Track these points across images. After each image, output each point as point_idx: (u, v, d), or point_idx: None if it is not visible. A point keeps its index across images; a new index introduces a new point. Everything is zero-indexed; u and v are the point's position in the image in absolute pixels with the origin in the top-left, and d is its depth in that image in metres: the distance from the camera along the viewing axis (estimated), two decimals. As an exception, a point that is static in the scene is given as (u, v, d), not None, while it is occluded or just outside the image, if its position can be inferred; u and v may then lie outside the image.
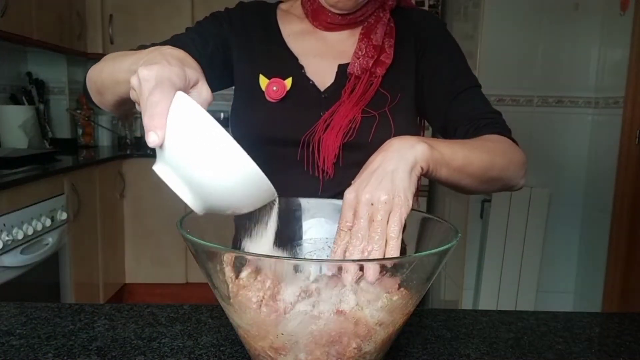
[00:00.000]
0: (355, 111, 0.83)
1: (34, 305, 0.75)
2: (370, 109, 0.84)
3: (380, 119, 0.84)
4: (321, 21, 0.90)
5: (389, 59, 0.87)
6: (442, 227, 0.56)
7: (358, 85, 0.85)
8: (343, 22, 0.89)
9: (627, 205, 2.17)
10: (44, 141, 2.93)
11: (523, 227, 2.47)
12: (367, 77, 0.85)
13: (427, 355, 0.63)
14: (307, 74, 0.88)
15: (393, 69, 0.87)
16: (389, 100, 0.85)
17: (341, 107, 0.84)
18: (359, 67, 0.85)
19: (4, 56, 2.82)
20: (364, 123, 0.83)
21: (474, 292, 2.63)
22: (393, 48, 0.88)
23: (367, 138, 0.83)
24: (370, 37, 0.88)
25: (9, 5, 2.20)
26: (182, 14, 3.10)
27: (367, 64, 0.85)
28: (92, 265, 2.61)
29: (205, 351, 0.62)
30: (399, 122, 0.84)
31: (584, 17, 2.40)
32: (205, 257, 0.49)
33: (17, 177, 1.89)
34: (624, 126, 2.19)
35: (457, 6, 2.85)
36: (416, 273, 0.48)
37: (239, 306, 0.48)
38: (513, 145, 0.76)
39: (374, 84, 0.86)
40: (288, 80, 0.85)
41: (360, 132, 0.83)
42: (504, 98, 2.47)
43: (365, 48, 0.87)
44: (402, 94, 0.87)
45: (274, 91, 0.84)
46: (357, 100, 0.84)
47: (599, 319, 0.77)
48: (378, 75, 0.86)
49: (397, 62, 0.88)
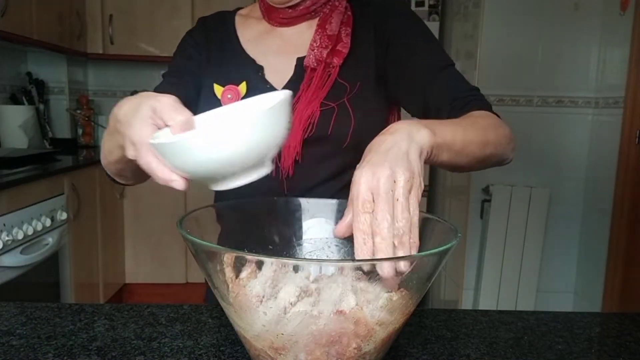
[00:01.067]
0: (314, 105, 0.81)
1: (34, 305, 0.75)
2: (329, 101, 0.82)
3: (338, 110, 0.82)
4: (275, 18, 0.89)
5: (346, 48, 0.85)
6: (442, 227, 0.56)
7: (315, 78, 0.83)
8: (295, 14, 0.88)
9: (627, 205, 2.17)
10: (44, 141, 2.93)
11: (523, 227, 2.47)
12: (322, 68, 0.83)
13: (427, 355, 0.63)
14: (265, 76, 0.87)
15: (351, 58, 0.85)
16: (348, 90, 0.84)
17: (299, 103, 0.82)
18: (313, 59, 0.84)
19: (4, 56, 2.82)
20: (322, 116, 0.81)
21: (474, 292, 2.63)
22: (350, 37, 0.86)
23: (326, 131, 0.81)
24: (325, 27, 0.86)
25: (9, 5, 2.20)
26: (182, 14, 3.10)
27: (322, 55, 0.83)
28: (92, 265, 2.61)
29: (205, 351, 0.62)
30: (359, 111, 0.83)
31: (584, 17, 2.40)
32: (205, 257, 0.49)
33: (17, 177, 1.89)
34: (624, 126, 2.19)
35: (457, 6, 2.85)
36: (416, 273, 0.48)
37: (239, 306, 0.48)
38: (499, 120, 0.74)
39: (332, 74, 0.84)
40: (242, 85, 0.84)
41: (319, 125, 0.81)
42: (504, 98, 2.47)
43: (320, 39, 0.85)
44: (362, 82, 0.85)
45: (229, 99, 0.83)
46: (314, 93, 0.82)
47: (599, 319, 0.77)
48: (335, 65, 0.84)
49: (356, 51, 0.86)
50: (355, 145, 0.82)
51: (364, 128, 0.82)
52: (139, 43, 3.11)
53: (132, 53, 3.12)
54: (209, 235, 0.60)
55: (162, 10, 3.10)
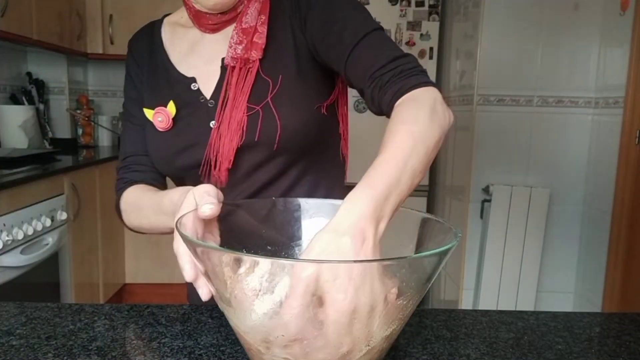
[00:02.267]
0: (240, 109, 0.77)
1: (34, 305, 0.75)
2: (254, 104, 0.77)
3: (263, 114, 0.77)
4: (204, 25, 0.84)
5: (262, 39, 0.78)
6: (442, 227, 0.56)
7: (234, 77, 0.78)
8: (225, 18, 0.82)
9: (627, 205, 2.17)
10: (44, 141, 2.93)
11: (523, 227, 2.47)
12: (240, 64, 0.78)
13: (427, 355, 0.63)
14: (199, 87, 0.82)
15: (271, 48, 0.79)
16: (270, 88, 0.78)
17: (226, 111, 0.78)
18: (230, 57, 0.78)
19: (4, 56, 2.82)
20: (249, 122, 0.77)
21: (474, 292, 2.63)
22: (266, 25, 0.80)
23: (254, 137, 0.77)
24: (242, 20, 0.80)
25: (9, 5, 2.20)
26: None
27: (236, 51, 0.78)
28: (92, 265, 2.61)
29: (205, 351, 0.62)
30: (284, 110, 0.78)
31: (584, 17, 2.40)
32: (206, 257, 0.49)
33: (17, 177, 1.89)
34: (624, 126, 2.19)
35: (457, 6, 2.85)
36: (415, 274, 0.48)
37: (237, 304, 0.48)
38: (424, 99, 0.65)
39: (252, 70, 0.78)
40: (170, 105, 0.80)
41: (248, 132, 0.77)
42: (504, 98, 2.47)
43: (236, 35, 0.79)
44: (283, 74, 0.79)
45: (160, 122, 0.80)
46: (238, 95, 0.78)
47: (599, 319, 0.77)
48: (254, 59, 0.78)
49: (275, 39, 0.80)
50: (287, 147, 0.79)
51: (293, 127, 0.78)
52: (139, 43, 3.11)
53: (132, 53, 3.12)
54: None
55: (162, 10, 3.06)
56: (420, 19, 3.02)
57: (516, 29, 2.43)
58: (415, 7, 2.98)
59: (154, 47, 0.89)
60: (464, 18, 2.75)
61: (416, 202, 3.09)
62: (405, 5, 2.99)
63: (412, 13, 3.01)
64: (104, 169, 2.72)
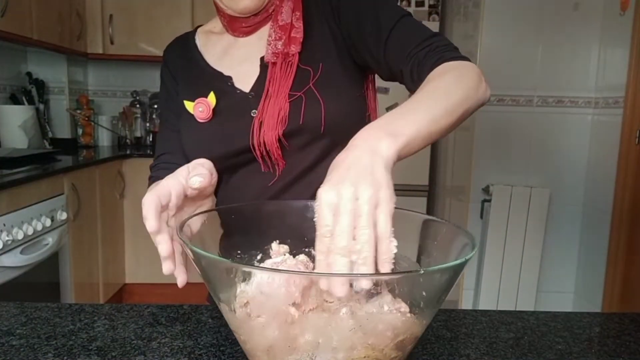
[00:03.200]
0: (281, 99, 0.81)
1: (34, 305, 0.75)
2: (295, 91, 0.82)
3: (306, 99, 0.81)
4: (238, 29, 0.89)
5: (300, 33, 0.84)
6: (447, 229, 0.54)
7: (276, 71, 0.83)
8: (257, 20, 0.87)
9: (627, 205, 2.17)
10: (44, 141, 2.93)
11: (523, 227, 2.47)
12: (281, 59, 0.83)
13: (427, 355, 0.63)
14: (234, 84, 0.87)
15: (308, 40, 0.84)
16: (312, 75, 0.82)
17: (268, 100, 0.82)
18: (271, 53, 0.83)
19: (4, 56, 2.82)
20: (292, 108, 0.81)
21: (474, 292, 2.63)
22: (302, 20, 0.85)
23: (298, 121, 0.81)
24: (278, 18, 0.85)
25: (9, 5, 2.20)
26: (182, 14, 3.10)
27: (277, 47, 0.83)
28: (92, 265, 2.61)
29: (205, 351, 0.62)
30: (327, 93, 0.82)
31: (584, 17, 2.40)
32: (216, 272, 0.48)
33: (17, 177, 1.89)
34: (624, 126, 2.19)
35: (457, 6, 2.86)
36: (423, 291, 0.45)
37: (243, 319, 0.48)
38: (459, 67, 0.69)
39: (292, 63, 0.83)
40: (211, 96, 0.84)
41: (291, 117, 0.81)
42: (504, 98, 2.47)
43: (274, 32, 0.85)
44: (324, 62, 0.83)
45: (201, 112, 0.84)
46: (279, 87, 0.82)
47: (599, 319, 0.77)
48: (293, 53, 0.83)
49: (311, 32, 0.85)
50: (332, 128, 0.82)
51: (336, 109, 0.82)
52: (139, 43, 3.11)
53: (132, 53, 3.12)
54: (209, 244, 0.59)
55: (162, 10, 3.10)
56: (420, 19, 3.01)
57: (516, 29, 2.43)
58: (415, 7, 2.98)
59: (189, 53, 0.93)
60: (464, 18, 2.75)
61: (416, 202, 3.09)
62: (405, 5, 2.99)
63: (412, 13, 3.00)
64: (104, 169, 2.72)
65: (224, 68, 0.89)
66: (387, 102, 2.96)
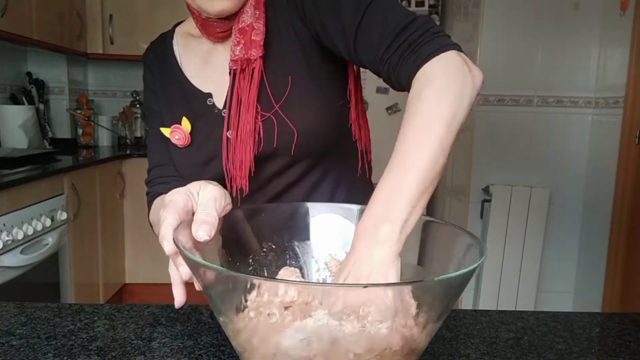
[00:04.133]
0: (250, 115, 0.74)
1: (34, 305, 0.75)
2: (265, 109, 0.75)
3: (277, 120, 0.75)
4: (212, 33, 0.80)
5: (260, 35, 0.74)
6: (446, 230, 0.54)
7: (240, 81, 0.75)
8: (231, 25, 0.78)
9: (627, 205, 2.17)
10: (44, 141, 2.93)
11: (523, 227, 2.47)
12: (241, 66, 0.74)
13: (427, 355, 0.63)
14: (214, 101, 0.81)
15: (274, 46, 0.76)
16: (281, 91, 0.75)
17: (239, 118, 0.75)
18: (231, 61, 0.75)
19: (4, 56, 2.82)
20: (266, 129, 0.75)
21: (474, 292, 2.63)
22: (263, 20, 0.75)
23: (272, 144, 0.75)
24: (239, 20, 0.76)
25: (9, 5, 2.20)
26: (182, 14, 3.06)
27: (234, 53, 0.75)
28: (92, 265, 2.61)
29: (205, 351, 0.62)
30: (298, 114, 0.75)
31: (584, 17, 2.40)
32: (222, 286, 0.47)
33: (17, 177, 1.88)
34: (624, 126, 2.19)
35: (457, 6, 2.86)
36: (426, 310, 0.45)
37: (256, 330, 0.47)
38: (439, 73, 0.59)
39: (256, 70, 0.74)
40: (184, 122, 0.79)
41: (266, 139, 0.75)
42: (504, 98, 2.47)
43: (234, 37, 0.76)
44: (293, 74, 0.75)
45: (177, 140, 0.80)
46: (245, 98, 0.74)
47: (599, 319, 0.77)
48: (254, 58, 0.74)
49: (276, 36, 0.76)
50: (307, 151, 0.77)
51: (309, 132, 0.76)
52: (139, 43, 3.10)
53: (132, 53, 3.12)
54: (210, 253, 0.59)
55: (162, 10, 3.10)
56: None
57: (516, 29, 2.43)
58: (415, 7, 2.98)
59: (167, 61, 0.87)
60: (464, 18, 2.75)
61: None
62: (405, 5, 2.99)
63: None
64: (104, 169, 2.72)
65: (204, 81, 0.83)
66: (387, 102, 2.96)
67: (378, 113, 2.94)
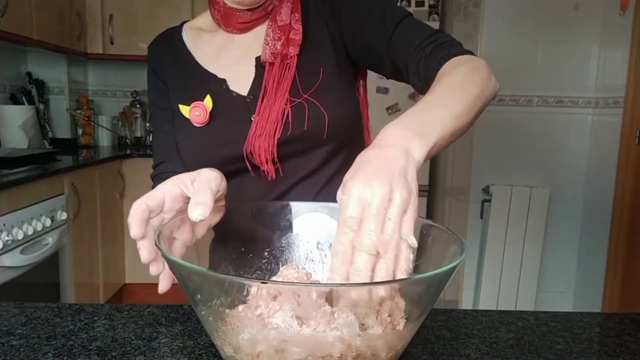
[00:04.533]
0: (280, 102, 0.79)
1: (34, 305, 0.75)
2: (296, 97, 0.80)
3: (308, 106, 0.80)
4: (233, 24, 0.86)
5: (299, 35, 0.82)
6: (443, 235, 0.54)
7: (274, 72, 0.81)
8: (254, 17, 0.85)
9: (627, 205, 2.17)
10: (44, 141, 2.93)
11: (523, 227, 2.47)
12: (279, 61, 0.81)
13: (427, 355, 0.63)
14: (230, 87, 0.85)
15: (308, 43, 0.83)
16: (313, 80, 0.81)
17: (265, 101, 0.80)
18: (269, 53, 0.81)
19: (4, 56, 2.82)
20: (295, 113, 0.80)
21: (474, 292, 2.63)
22: (301, 22, 0.83)
23: (303, 128, 0.80)
24: (276, 18, 0.84)
25: (9, 5, 2.20)
26: (182, 14, 3.09)
27: (275, 47, 0.81)
28: (92, 265, 2.61)
29: (205, 351, 0.62)
30: (329, 101, 0.81)
31: (584, 17, 2.40)
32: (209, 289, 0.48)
33: (17, 177, 1.89)
34: (624, 126, 2.19)
35: (457, 6, 2.85)
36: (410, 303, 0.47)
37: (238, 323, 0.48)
38: (469, 61, 0.67)
39: (291, 65, 0.81)
40: (207, 100, 0.81)
41: (295, 124, 0.79)
42: (504, 98, 2.47)
43: (272, 32, 0.83)
44: (324, 67, 0.83)
45: (197, 116, 0.81)
46: (277, 89, 0.80)
47: (599, 319, 0.77)
48: (292, 55, 0.81)
49: (310, 35, 0.84)
50: (335, 135, 0.82)
51: (338, 117, 0.81)
52: (139, 43, 3.11)
53: (132, 53, 3.12)
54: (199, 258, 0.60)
55: (162, 10, 3.10)
56: (420, 19, 3.01)
57: (516, 29, 2.43)
58: (415, 7, 2.98)
59: (177, 52, 0.89)
60: (464, 18, 2.75)
61: (416, 202, 3.09)
62: (405, 5, 2.99)
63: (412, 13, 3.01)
64: (104, 169, 2.72)
65: (218, 69, 0.86)
66: (387, 102, 2.96)
67: (378, 113, 2.94)
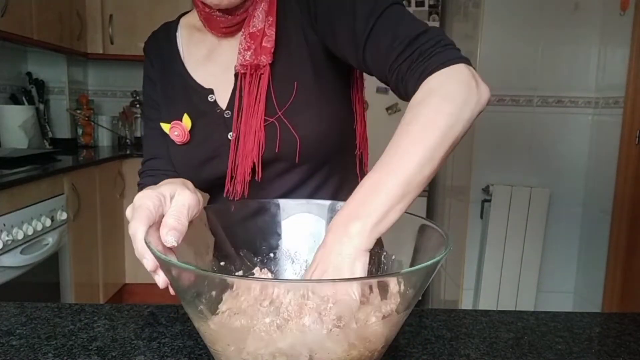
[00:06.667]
0: (255, 120, 0.74)
1: (34, 305, 0.75)
2: (270, 113, 0.74)
3: (280, 126, 0.74)
4: (216, 28, 0.79)
5: (271, 42, 0.74)
6: (438, 235, 0.55)
7: (247, 85, 0.75)
8: (235, 21, 0.77)
9: (627, 205, 2.17)
10: (44, 141, 2.93)
11: (523, 227, 2.46)
12: (250, 71, 0.75)
13: (427, 355, 0.63)
14: (216, 98, 0.80)
15: (282, 51, 0.76)
16: (286, 96, 0.75)
17: (243, 121, 0.75)
18: (239, 65, 0.75)
19: (4, 56, 2.82)
20: (268, 133, 0.74)
21: (474, 292, 2.63)
22: (275, 26, 0.75)
23: (274, 149, 0.75)
24: (249, 24, 0.76)
25: (9, 5, 2.20)
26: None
27: (245, 58, 0.75)
28: (92, 265, 2.61)
29: (205, 351, 0.62)
30: (302, 120, 0.75)
31: (584, 17, 2.40)
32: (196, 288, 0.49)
33: (17, 177, 1.88)
34: (624, 126, 2.19)
35: (457, 6, 2.85)
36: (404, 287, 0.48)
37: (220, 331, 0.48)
38: (443, 83, 0.59)
39: (264, 76, 0.75)
40: (185, 119, 0.78)
41: (267, 145, 0.75)
42: (504, 98, 2.47)
43: (244, 41, 0.75)
44: (299, 80, 0.75)
45: (177, 136, 0.79)
46: (251, 104, 0.74)
47: (599, 319, 0.77)
48: (264, 64, 0.74)
49: (286, 40, 0.76)
50: (307, 159, 0.77)
51: (312, 138, 0.75)
52: (139, 43, 3.09)
53: (132, 53, 3.12)
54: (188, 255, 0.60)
55: (162, 10, 3.09)
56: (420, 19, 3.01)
57: (516, 29, 2.43)
58: (416, 7, 2.98)
59: (170, 53, 0.86)
60: (464, 18, 2.75)
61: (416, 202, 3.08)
62: (405, 5, 2.99)
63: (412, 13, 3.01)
64: (104, 169, 2.72)
65: (206, 76, 0.82)
66: (387, 102, 2.96)
67: (378, 113, 2.93)
